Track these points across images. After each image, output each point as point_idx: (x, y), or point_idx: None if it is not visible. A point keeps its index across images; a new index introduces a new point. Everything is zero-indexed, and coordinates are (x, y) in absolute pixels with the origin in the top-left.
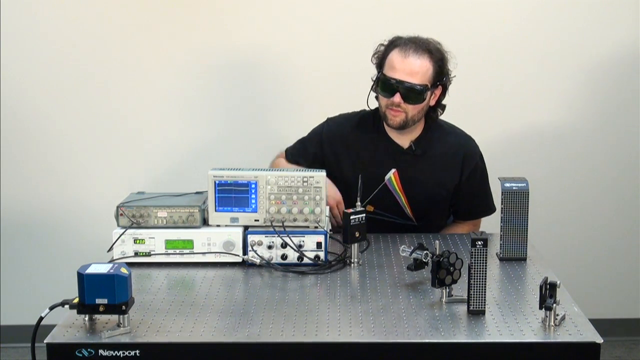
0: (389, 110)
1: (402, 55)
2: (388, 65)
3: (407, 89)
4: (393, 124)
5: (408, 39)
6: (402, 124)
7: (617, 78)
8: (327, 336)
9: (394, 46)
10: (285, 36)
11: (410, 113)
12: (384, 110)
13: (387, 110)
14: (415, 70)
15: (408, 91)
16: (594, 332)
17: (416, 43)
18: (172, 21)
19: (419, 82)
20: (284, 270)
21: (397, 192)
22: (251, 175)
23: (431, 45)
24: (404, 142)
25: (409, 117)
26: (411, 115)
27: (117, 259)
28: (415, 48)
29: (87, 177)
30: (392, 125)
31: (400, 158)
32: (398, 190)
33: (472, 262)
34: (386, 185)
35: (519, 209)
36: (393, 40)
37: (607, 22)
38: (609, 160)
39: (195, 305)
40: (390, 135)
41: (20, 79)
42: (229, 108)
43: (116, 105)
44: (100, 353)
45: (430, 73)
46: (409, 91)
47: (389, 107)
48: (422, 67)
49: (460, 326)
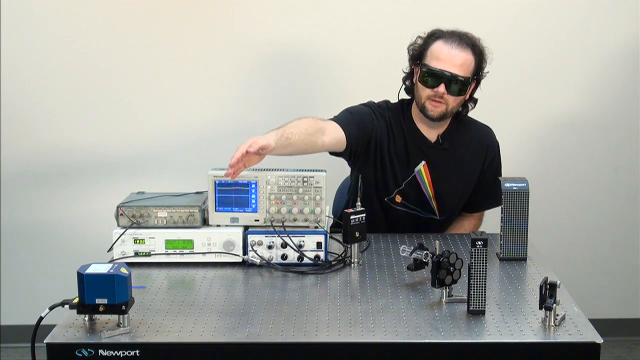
0: (430, 101)
1: (448, 47)
2: (432, 56)
3: (452, 80)
4: (433, 115)
5: (450, 31)
6: (441, 115)
7: (617, 78)
8: (327, 336)
9: (436, 37)
10: (292, 27)
11: (451, 105)
12: (423, 102)
13: (427, 101)
14: (460, 62)
15: (453, 82)
16: (594, 332)
17: (459, 36)
18: (171, 21)
19: (463, 74)
20: (284, 270)
21: (425, 185)
22: (251, 175)
23: (473, 39)
24: (432, 135)
25: (449, 109)
26: (451, 107)
27: (117, 259)
28: (460, 41)
29: (87, 177)
30: (431, 116)
31: (429, 151)
32: (427, 183)
33: (472, 262)
34: (415, 177)
35: (519, 209)
36: (434, 32)
37: (613, 19)
38: (608, 161)
39: (195, 305)
40: (420, 127)
41: (20, 79)
42: (230, 107)
43: (116, 105)
44: (100, 353)
45: (472, 66)
46: (454, 82)
47: (430, 98)
48: (467, 60)
49: (460, 326)
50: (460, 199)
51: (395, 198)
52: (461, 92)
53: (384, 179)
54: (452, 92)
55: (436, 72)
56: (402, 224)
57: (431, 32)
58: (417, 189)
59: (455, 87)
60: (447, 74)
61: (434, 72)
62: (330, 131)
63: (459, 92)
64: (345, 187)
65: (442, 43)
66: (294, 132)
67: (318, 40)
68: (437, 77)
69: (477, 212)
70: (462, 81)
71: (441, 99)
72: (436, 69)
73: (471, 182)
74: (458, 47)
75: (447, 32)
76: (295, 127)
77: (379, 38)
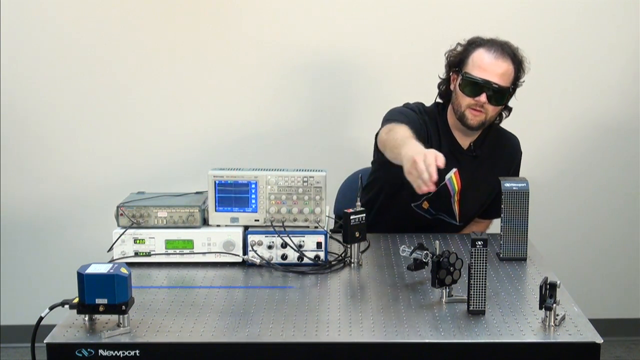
0: (470, 110)
1: (492, 56)
2: (473, 65)
3: (494, 90)
4: (472, 124)
5: (491, 40)
6: (480, 124)
7: (616, 79)
8: (327, 336)
9: (477, 45)
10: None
11: (490, 114)
12: (463, 110)
13: (467, 109)
14: (502, 71)
15: (494, 92)
16: (594, 332)
17: (501, 45)
18: (171, 21)
19: (504, 83)
20: (284, 270)
21: (454, 192)
22: (251, 175)
23: (513, 49)
24: (465, 142)
25: (488, 118)
26: (490, 117)
27: (117, 259)
28: (502, 50)
29: (87, 177)
30: (471, 125)
31: (461, 158)
32: (456, 190)
33: (472, 262)
34: (445, 183)
35: (519, 209)
36: (474, 40)
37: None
38: (608, 160)
39: (195, 305)
40: (454, 133)
41: (20, 78)
42: (229, 106)
43: (116, 105)
44: (100, 353)
45: (512, 76)
46: (496, 92)
47: (471, 106)
48: (508, 70)
49: (460, 326)
50: (481, 207)
51: (423, 204)
52: (501, 101)
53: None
54: (492, 102)
55: (479, 81)
56: (417, 225)
57: (471, 40)
58: (446, 195)
59: (496, 97)
60: (490, 84)
61: (477, 82)
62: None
63: (499, 102)
64: (346, 186)
65: (484, 51)
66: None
67: (313, 42)
68: (479, 87)
69: (489, 219)
70: (503, 91)
71: (481, 108)
72: (479, 79)
73: (495, 190)
74: (500, 56)
75: (488, 40)
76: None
77: (398, 42)
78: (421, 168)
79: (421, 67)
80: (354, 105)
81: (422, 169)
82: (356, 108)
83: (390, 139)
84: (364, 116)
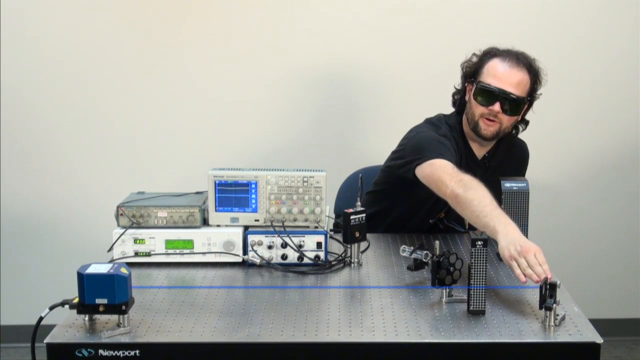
0: (484, 120)
1: (507, 66)
2: (488, 74)
3: (508, 100)
4: (486, 134)
5: (506, 50)
6: (494, 134)
7: (617, 79)
8: (327, 336)
9: (492, 55)
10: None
11: (504, 124)
12: (477, 119)
13: (481, 119)
14: (516, 81)
15: (509, 102)
16: (594, 332)
17: (516, 55)
18: (174, 22)
19: (518, 93)
20: (284, 270)
21: None
22: (251, 175)
23: (530, 59)
24: (480, 153)
25: (502, 129)
26: (504, 127)
27: (117, 259)
28: (517, 60)
29: (87, 177)
30: (484, 135)
31: (476, 169)
32: None
33: (472, 262)
34: None
35: (519, 209)
36: (490, 50)
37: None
38: (608, 160)
39: (195, 305)
40: (470, 143)
41: (20, 79)
42: (230, 106)
43: (116, 105)
44: (100, 353)
45: (528, 87)
46: (510, 102)
47: (484, 116)
48: (523, 79)
49: (460, 326)
50: None
51: (439, 215)
52: (515, 112)
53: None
54: (506, 111)
55: (492, 89)
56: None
57: (487, 50)
58: None
59: (510, 106)
60: (503, 92)
61: (490, 90)
62: None
63: (514, 112)
64: (346, 186)
65: (499, 61)
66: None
67: (320, 52)
68: (492, 95)
69: None
70: (517, 101)
71: (495, 118)
72: (492, 87)
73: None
74: (515, 66)
75: (504, 50)
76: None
77: (398, 43)
78: (533, 262)
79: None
80: (354, 105)
81: (534, 262)
82: (356, 108)
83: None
84: (364, 116)
